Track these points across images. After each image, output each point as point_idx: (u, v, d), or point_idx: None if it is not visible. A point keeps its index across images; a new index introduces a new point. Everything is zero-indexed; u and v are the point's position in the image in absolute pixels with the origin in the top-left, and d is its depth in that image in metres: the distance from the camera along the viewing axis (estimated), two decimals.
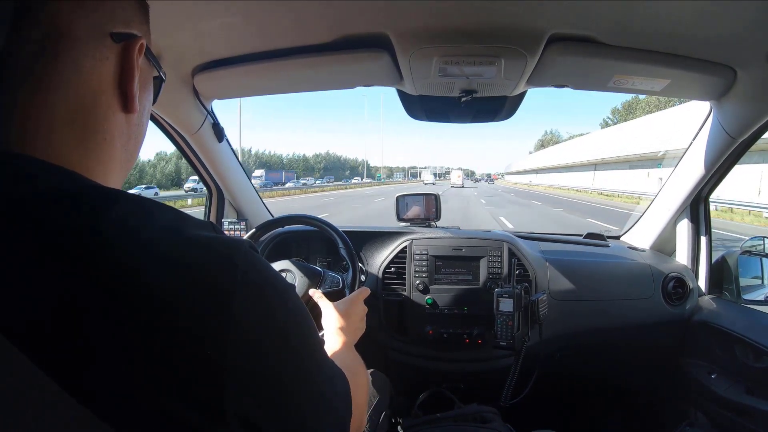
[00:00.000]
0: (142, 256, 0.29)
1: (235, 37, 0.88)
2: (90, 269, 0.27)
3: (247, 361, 0.30)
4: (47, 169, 0.31)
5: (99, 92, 0.35)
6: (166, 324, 0.28)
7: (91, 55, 0.34)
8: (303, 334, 0.36)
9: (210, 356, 0.28)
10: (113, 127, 0.36)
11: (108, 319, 0.27)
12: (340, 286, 1.03)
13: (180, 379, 0.28)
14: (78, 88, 0.33)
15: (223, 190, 1.43)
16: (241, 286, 0.30)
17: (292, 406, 0.33)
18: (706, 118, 1.10)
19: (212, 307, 0.29)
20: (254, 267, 0.32)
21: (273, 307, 0.33)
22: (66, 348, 0.27)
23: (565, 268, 1.27)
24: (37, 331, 0.26)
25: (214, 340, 0.28)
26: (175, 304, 0.28)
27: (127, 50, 0.36)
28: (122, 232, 0.29)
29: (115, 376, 0.27)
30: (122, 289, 0.27)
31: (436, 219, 1.43)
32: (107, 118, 0.35)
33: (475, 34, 0.80)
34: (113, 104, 0.36)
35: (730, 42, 0.80)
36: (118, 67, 0.36)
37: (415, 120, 1.27)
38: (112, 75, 0.35)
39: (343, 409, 0.41)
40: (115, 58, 0.35)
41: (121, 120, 0.37)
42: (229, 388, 0.28)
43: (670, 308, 1.26)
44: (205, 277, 0.30)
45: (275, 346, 0.32)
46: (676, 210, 1.29)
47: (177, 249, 0.30)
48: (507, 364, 1.18)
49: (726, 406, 1.08)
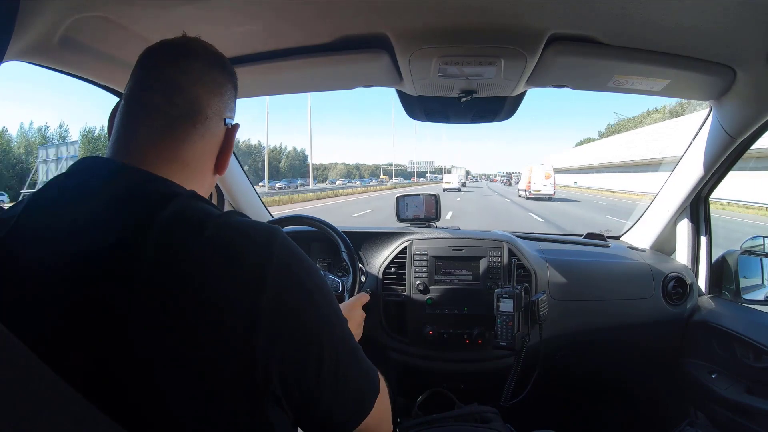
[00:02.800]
0: (192, 232, 0.38)
1: (236, 38, 0.88)
2: (148, 247, 0.36)
3: (279, 321, 0.37)
4: (156, 179, 0.43)
5: (207, 155, 0.49)
6: (212, 299, 0.36)
7: (212, 131, 0.48)
8: (328, 305, 0.44)
9: (246, 320, 0.36)
10: (205, 182, 0.50)
11: (155, 293, 0.35)
12: (340, 290, 1.03)
13: (218, 339, 0.35)
14: (197, 149, 0.47)
15: (223, 191, 1.43)
16: (274, 260, 0.39)
17: (314, 370, 0.40)
18: (706, 118, 1.10)
19: (249, 277, 0.37)
20: (287, 247, 0.41)
21: (301, 277, 0.41)
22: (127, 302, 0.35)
23: (565, 268, 1.27)
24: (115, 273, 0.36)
25: (251, 306, 0.36)
26: (220, 283, 0.36)
27: (230, 132, 0.51)
28: (176, 218, 0.39)
29: (161, 337, 0.34)
30: (173, 268, 0.36)
31: (436, 219, 1.43)
32: (204, 174, 0.49)
33: (474, 34, 0.80)
34: (210, 166, 0.50)
35: (730, 42, 0.80)
36: (222, 142, 0.50)
37: (415, 120, 1.27)
38: (217, 146, 0.50)
39: (367, 386, 0.47)
40: (222, 135, 0.50)
41: (211, 177, 0.51)
42: (262, 343, 0.36)
43: (670, 308, 1.26)
44: (244, 253, 0.38)
45: (305, 310, 0.40)
46: (676, 210, 1.29)
47: (220, 233, 0.39)
48: (507, 364, 1.18)
49: (726, 406, 1.08)
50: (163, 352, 0.34)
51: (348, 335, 0.46)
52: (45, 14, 0.63)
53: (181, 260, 0.36)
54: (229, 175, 1.39)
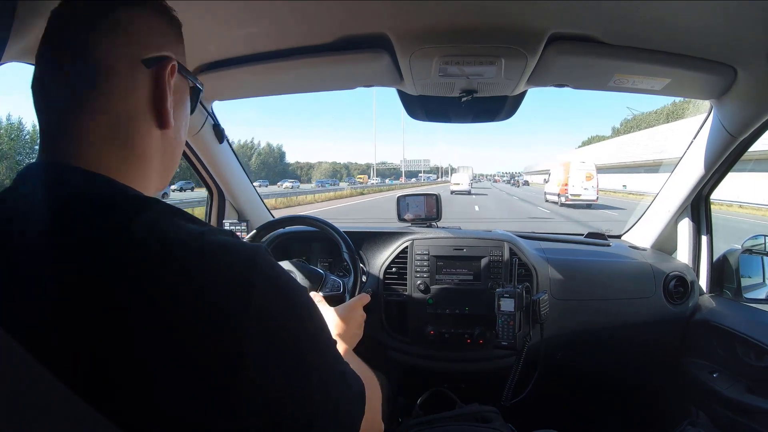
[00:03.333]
0: (167, 255, 0.32)
1: (235, 38, 0.88)
2: (119, 264, 0.31)
3: (264, 345, 0.33)
4: (89, 177, 0.36)
5: (135, 114, 0.38)
6: (191, 315, 0.31)
7: (125, 83, 0.37)
8: (316, 326, 0.39)
9: (231, 343, 0.32)
10: (150, 143, 0.40)
11: (133, 311, 0.30)
12: (341, 290, 1.03)
13: (201, 364, 0.31)
14: (116, 112, 0.37)
15: (224, 191, 1.43)
16: (260, 279, 0.34)
17: (303, 392, 0.36)
18: (707, 117, 1.10)
19: (234, 298, 0.32)
20: (272, 267, 0.36)
21: (289, 299, 0.37)
22: (92, 336, 0.30)
23: (566, 267, 1.27)
24: (63, 316, 0.30)
25: (235, 328, 0.32)
26: (200, 297, 0.32)
27: (158, 74, 0.39)
28: (151, 233, 0.33)
29: (140, 363, 0.30)
30: (147, 284, 0.31)
31: (437, 219, 1.43)
32: (144, 135, 0.39)
33: (475, 33, 0.80)
34: (149, 123, 0.40)
35: (731, 41, 0.80)
36: (152, 89, 0.39)
37: (416, 120, 1.27)
38: (147, 97, 0.39)
39: (356, 409, 0.42)
40: (148, 81, 0.39)
41: (157, 136, 0.41)
42: (249, 369, 0.32)
43: (671, 307, 1.25)
44: (229, 274, 0.33)
45: (291, 333, 0.36)
46: (677, 209, 1.29)
47: (202, 250, 0.34)
48: (508, 363, 1.18)
49: (727, 405, 1.08)
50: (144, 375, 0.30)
51: (335, 359, 0.41)
52: (44, 15, 0.63)
53: (157, 281, 0.32)
54: (230, 175, 1.39)
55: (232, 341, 0.31)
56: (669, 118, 43.95)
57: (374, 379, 0.58)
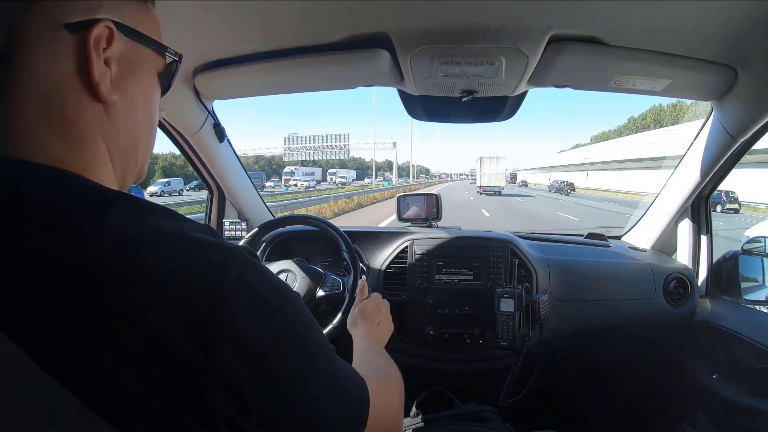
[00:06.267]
0: (136, 267, 0.29)
1: (236, 38, 0.88)
2: (81, 282, 0.28)
3: (242, 364, 0.30)
4: (33, 170, 0.31)
5: (62, 86, 0.33)
6: (162, 331, 0.28)
7: (44, 52, 0.33)
8: (303, 337, 0.35)
9: (204, 362, 0.28)
10: (89, 118, 0.35)
11: (98, 327, 0.28)
12: (341, 289, 1.03)
13: (174, 384, 0.28)
14: (40, 86, 0.33)
15: (224, 190, 1.43)
16: (234, 292, 0.30)
17: (288, 411, 0.33)
18: (707, 118, 1.10)
19: (207, 313, 0.29)
20: (249, 273, 0.32)
21: (270, 311, 0.33)
22: (58, 352, 0.27)
23: (566, 268, 1.27)
24: (31, 336, 0.27)
25: (208, 346, 0.29)
26: (169, 312, 0.28)
27: (83, 39, 0.34)
28: (118, 243, 0.29)
29: (105, 381, 0.27)
30: (113, 302, 0.28)
31: (437, 219, 1.43)
32: (79, 109, 0.34)
33: (475, 33, 0.80)
34: (81, 95, 0.34)
35: (731, 42, 0.80)
36: (79, 57, 0.34)
37: (416, 120, 1.27)
38: (74, 67, 0.34)
39: (355, 417, 0.40)
40: (73, 49, 0.33)
41: (99, 110, 0.35)
42: (220, 390, 0.29)
43: (671, 308, 1.25)
44: (199, 285, 0.29)
45: (273, 351, 0.32)
46: (677, 210, 1.29)
47: (173, 257, 0.30)
48: (508, 363, 1.18)
49: (727, 407, 1.08)
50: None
51: (327, 366, 0.37)
52: None
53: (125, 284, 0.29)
54: (230, 174, 1.39)
55: (207, 358, 0.29)
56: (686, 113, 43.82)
57: (398, 379, 0.55)
